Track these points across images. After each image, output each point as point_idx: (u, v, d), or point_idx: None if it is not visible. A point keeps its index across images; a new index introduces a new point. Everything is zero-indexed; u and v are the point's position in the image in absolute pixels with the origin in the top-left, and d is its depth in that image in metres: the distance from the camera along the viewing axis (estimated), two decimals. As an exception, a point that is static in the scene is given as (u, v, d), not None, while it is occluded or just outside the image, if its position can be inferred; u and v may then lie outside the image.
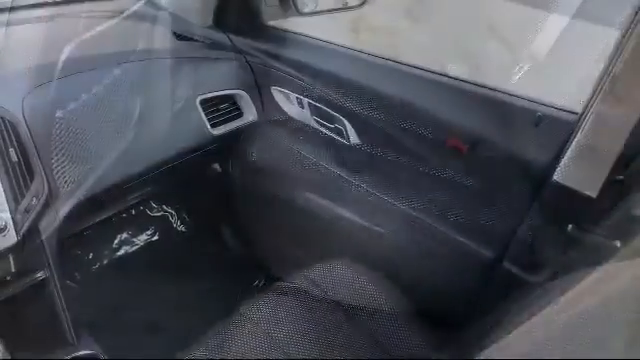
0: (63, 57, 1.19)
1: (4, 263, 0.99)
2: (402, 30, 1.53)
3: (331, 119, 1.31)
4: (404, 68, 1.17)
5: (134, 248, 1.92)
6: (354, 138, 1.28)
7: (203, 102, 1.30)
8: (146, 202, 1.95)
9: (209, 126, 1.30)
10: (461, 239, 1.14)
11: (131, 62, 1.25)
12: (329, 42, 1.33)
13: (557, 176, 0.91)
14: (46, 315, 1.08)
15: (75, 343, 1.10)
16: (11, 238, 0.92)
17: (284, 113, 1.41)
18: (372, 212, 1.30)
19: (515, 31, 1.26)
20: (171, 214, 2.01)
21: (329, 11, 1.56)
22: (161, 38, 1.38)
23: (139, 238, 1.94)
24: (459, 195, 1.13)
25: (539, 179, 0.97)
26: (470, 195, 1.10)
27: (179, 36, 1.40)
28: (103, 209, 1.67)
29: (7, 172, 0.95)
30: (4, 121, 0.98)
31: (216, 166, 1.76)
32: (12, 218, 0.93)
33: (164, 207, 2.00)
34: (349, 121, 1.26)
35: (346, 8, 1.52)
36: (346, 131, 1.28)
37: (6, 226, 0.92)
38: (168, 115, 1.25)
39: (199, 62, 1.34)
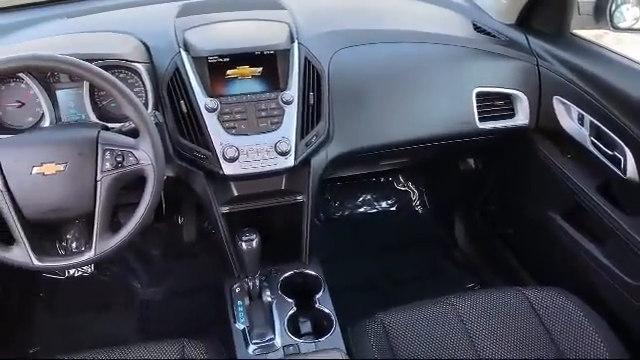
0: (370, 27, 1.36)
1: (277, 180, 1.24)
2: None
3: (611, 145, 1.19)
4: None
5: (372, 211, 2.10)
6: (632, 173, 1.14)
7: (479, 94, 1.32)
8: (396, 174, 2.10)
9: (477, 118, 1.32)
10: None
11: (427, 43, 1.34)
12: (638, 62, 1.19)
13: None
14: (292, 230, 1.30)
15: (306, 263, 1.31)
16: (290, 162, 1.14)
17: (559, 126, 1.33)
18: (624, 258, 1.15)
19: None
20: (413, 192, 2.12)
21: (652, 30, 1.38)
22: (461, 27, 1.45)
23: (380, 204, 2.11)
24: None
25: None
26: None
27: (477, 28, 1.44)
28: (360, 166, 1.87)
29: (303, 110, 1.16)
30: (314, 70, 1.19)
31: (470, 161, 1.78)
32: (295, 146, 1.14)
33: (409, 184, 2.12)
34: (632, 152, 1.13)
35: (675, 30, 1.33)
36: (625, 162, 1.15)
37: (290, 151, 1.14)
38: (444, 98, 1.32)
39: (488, 56, 1.36)
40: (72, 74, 0.91)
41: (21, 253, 0.91)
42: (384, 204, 2.12)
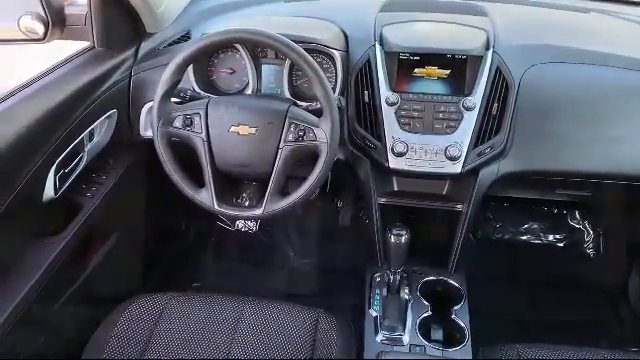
0: (573, 45, 1.26)
1: (440, 184, 1.23)
2: None
3: None
4: None
5: (535, 241, 1.95)
6: None
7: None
8: (572, 208, 1.92)
9: None
10: None
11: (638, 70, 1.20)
12: None
13: None
14: (444, 238, 1.29)
15: (451, 273, 1.29)
16: (457, 168, 1.13)
17: None
18: None
19: None
20: (588, 232, 1.91)
21: None
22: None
23: (546, 236, 1.95)
24: None
25: None
26: None
27: None
28: (532, 190, 1.75)
29: (483, 119, 1.14)
30: (504, 80, 1.15)
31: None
32: (466, 154, 1.13)
33: (586, 222, 1.92)
34: None
35: None
36: None
37: (459, 157, 1.12)
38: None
39: None
40: (280, 52, 1.02)
41: (207, 196, 1.06)
42: (551, 237, 1.95)
